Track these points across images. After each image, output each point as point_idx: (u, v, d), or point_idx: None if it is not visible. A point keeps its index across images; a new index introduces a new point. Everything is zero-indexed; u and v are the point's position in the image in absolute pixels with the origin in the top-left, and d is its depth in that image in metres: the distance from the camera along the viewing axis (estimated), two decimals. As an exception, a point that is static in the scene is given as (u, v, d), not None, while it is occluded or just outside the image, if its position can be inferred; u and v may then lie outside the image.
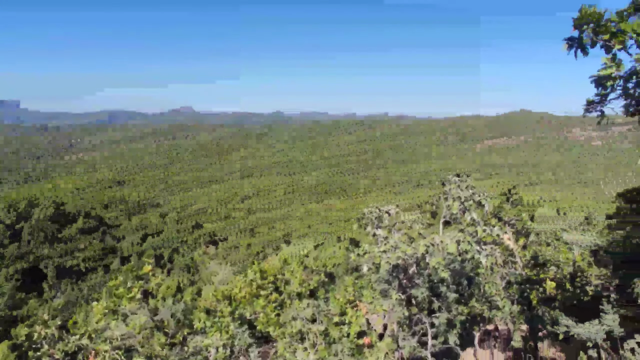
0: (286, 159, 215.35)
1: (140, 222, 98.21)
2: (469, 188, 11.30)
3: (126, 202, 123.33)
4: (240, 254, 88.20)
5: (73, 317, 18.54)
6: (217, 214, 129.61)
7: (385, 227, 11.18)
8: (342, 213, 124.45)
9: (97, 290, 65.00)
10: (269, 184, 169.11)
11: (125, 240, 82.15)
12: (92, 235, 76.49)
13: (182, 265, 78.09)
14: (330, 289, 13.47)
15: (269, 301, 8.54)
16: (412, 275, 11.54)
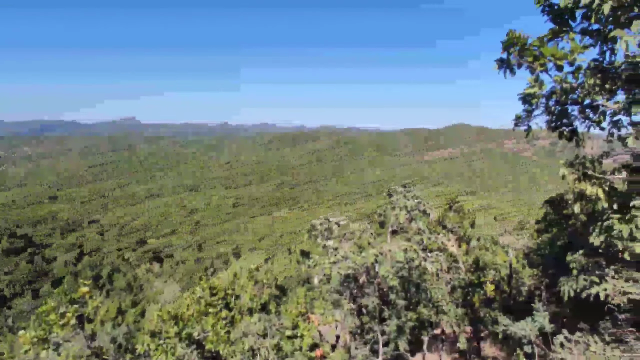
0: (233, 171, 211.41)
1: (76, 240, 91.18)
2: (414, 198, 11.79)
3: (58, 219, 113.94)
4: (187, 270, 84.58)
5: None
6: (161, 230, 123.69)
7: (335, 238, 11.31)
8: (291, 225, 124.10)
9: (24, 317, 59.04)
10: (216, 197, 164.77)
11: (57, 261, 75.59)
12: (18, 257, 69.54)
13: (124, 285, 73.34)
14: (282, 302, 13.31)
15: (219, 318, 8.26)
16: (362, 284, 11.73)
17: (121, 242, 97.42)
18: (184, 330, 7.88)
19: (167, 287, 78.63)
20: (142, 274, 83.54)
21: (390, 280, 9.79)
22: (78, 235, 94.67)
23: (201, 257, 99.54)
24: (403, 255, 9.53)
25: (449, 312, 13.07)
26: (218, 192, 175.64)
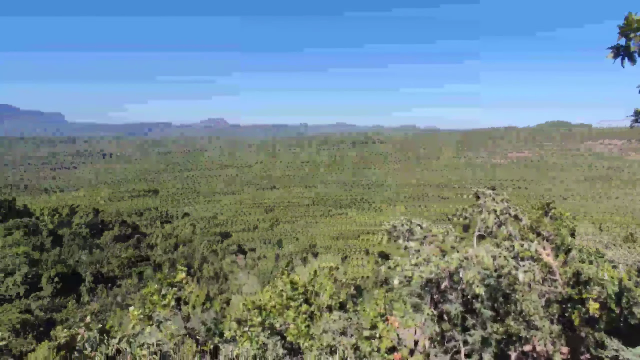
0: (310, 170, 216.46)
1: (172, 230, 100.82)
2: (504, 201, 10.93)
3: (158, 211, 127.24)
4: (267, 265, 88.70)
5: (108, 321, 18.92)
6: (244, 224, 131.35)
7: (417, 240, 10.95)
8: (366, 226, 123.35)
9: (130, 296, 66.93)
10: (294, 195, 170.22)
11: (157, 248, 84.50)
12: (127, 243, 79.14)
13: (212, 274, 79.31)
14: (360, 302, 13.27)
15: (299, 312, 8.51)
16: (444, 289, 11.19)
17: (210, 234, 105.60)
18: (267, 320, 8.25)
19: (249, 279, 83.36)
20: (227, 266, 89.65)
21: (475, 288, 9.20)
22: (174, 226, 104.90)
23: (279, 253, 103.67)
24: (491, 262, 8.88)
25: (542, 327, 11.89)
26: (297, 190, 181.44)
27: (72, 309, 58.20)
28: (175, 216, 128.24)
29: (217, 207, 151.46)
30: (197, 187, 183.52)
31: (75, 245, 71.49)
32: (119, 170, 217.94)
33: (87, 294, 63.63)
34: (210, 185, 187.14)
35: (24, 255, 61.38)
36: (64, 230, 75.04)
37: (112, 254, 73.73)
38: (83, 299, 62.66)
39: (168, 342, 6.98)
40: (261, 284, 77.48)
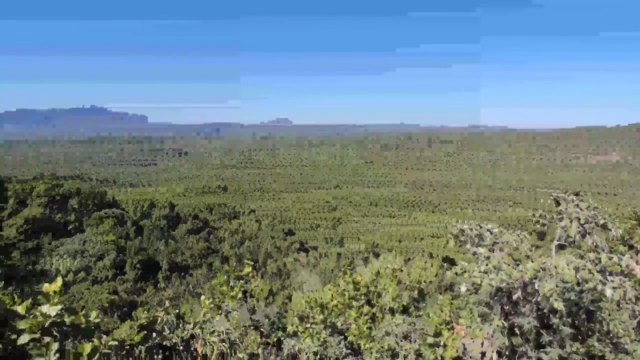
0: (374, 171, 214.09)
1: (238, 226, 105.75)
2: (590, 208, 9.91)
3: (227, 206, 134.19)
4: (329, 264, 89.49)
5: (181, 307, 20.37)
6: (307, 222, 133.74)
7: (487, 246, 10.33)
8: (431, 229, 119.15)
9: (200, 285, 71.51)
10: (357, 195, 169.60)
11: (225, 242, 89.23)
12: (198, 236, 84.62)
13: (275, 270, 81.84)
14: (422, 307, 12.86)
15: (361, 313, 8.46)
16: (516, 301, 10.44)
17: (274, 231, 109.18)
18: (329, 318, 8.33)
19: (310, 277, 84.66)
20: (289, 263, 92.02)
21: (554, 302, 8.45)
22: (241, 222, 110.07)
23: (341, 253, 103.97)
24: (573, 275, 8.11)
25: (633, 352, 10.61)
26: (359, 190, 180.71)
27: (150, 294, 63.59)
28: (242, 212, 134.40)
29: (282, 204, 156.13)
30: (264, 184, 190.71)
31: (154, 236, 77.98)
32: (193, 167, 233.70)
33: (163, 281, 69.05)
34: (276, 184, 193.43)
35: (112, 243, 68.29)
36: (145, 221, 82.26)
37: (186, 245, 79.25)
38: (160, 285, 68.13)
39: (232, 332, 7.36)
40: (322, 282, 78.34)
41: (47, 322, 3.20)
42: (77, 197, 78.96)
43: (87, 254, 65.27)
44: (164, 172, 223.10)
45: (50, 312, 3.22)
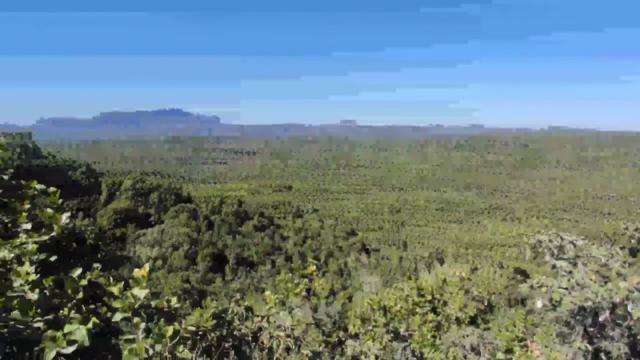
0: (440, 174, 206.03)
1: (302, 225, 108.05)
2: (699, 223, 8.65)
3: (291, 205, 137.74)
4: (390, 266, 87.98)
5: (248, 301, 20.92)
6: (370, 224, 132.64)
7: (569, 260, 9.46)
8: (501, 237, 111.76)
9: (264, 280, 74.28)
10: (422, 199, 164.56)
11: (289, 240, 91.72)
12: (264, 233, 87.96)
13: (336, 269, 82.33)
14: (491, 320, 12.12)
15: (425, 320, 8.21)
16: (603, 323, 9.43)
17: (336, 231, 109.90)
18: (392, 323, 8.19)
19: (371, 278, 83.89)
20: (351, 263, 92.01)
21: (649, 327, 7.53)
22: (304, 221, 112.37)
23: (404, 256, 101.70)
24: (675, 298, 7.15)
25: None
26: (426, 193, 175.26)
27: (219, 285, 67.40)
28: (306, 211, 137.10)
29: (345, 205, 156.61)
30: (328, 185, 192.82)
31: (223, 230, 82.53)
32: (261, 166, 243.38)
33: (231, 273, 72.78)
34: (340, 184, 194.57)
35: (186, 235, 73.49)
36: (215, 217, 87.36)
37: (252, 241, 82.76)
38: (227, 278, 71.90)
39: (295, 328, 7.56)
40: (383, 284, 77.26)
41: (137, 304, 3.55)
42: (157, 192, 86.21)
43: (165, 244, 70.99)
44: (233, 170, 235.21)
45: (140, 295, 3.57)
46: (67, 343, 3.37)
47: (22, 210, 4.02)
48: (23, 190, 4.16)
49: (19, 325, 3.65)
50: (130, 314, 3.54)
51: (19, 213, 3.99)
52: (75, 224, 4.14)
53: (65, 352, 3.40)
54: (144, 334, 3.56)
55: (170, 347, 3.38)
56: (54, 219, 3.94)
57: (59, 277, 3.96)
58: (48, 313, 3.67)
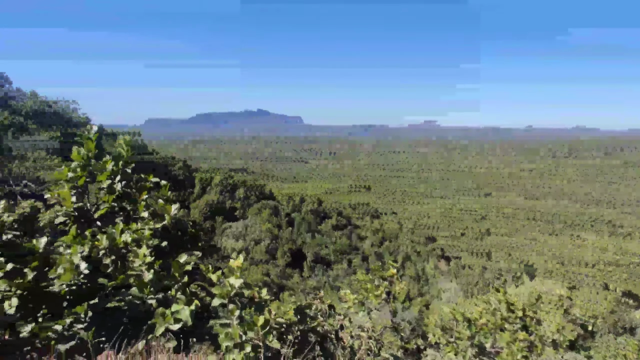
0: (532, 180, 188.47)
1: (380, 226, 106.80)
2: None
3: (369, 206, 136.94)
4: (472, 276, 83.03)
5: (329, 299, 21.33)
6: (450, 231, 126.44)
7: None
8: (608, 255, 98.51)
9: (340, 279, 74.97)
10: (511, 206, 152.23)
11: (366, 241, 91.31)
12: (341, 232, 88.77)
13: (413, 274, 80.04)
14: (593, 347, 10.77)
15: (516, 339, 7.58)
16: None
17: (414, 235, 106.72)
18: (476, 337, 7.71)
19: (450, 287, 79.98)
20: (429, 269, 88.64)
21: None
22: (382, 222, 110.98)
23: (487, 267, 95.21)
24: None
25: None
26: (513, 200, 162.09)
27: (296, 280, 69.65)
28: (384, 213, 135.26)
29: (426, 209, 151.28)
30: (408, 187, 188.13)
31: (303, 228, 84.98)
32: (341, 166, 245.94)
33: (308, 270, 74.69)
34: (421, 187, 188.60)
35: (267, 230, 77.14)
36: (296, 214, 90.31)
37: (330, 240, 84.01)
38: (304, 274, 73.94)
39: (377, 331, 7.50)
40: (464, 295, 73.13)
41: (232, 292, 3.84)
42: (243, 188, 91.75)
43: (248, 238, 75.35)
44: (314, 169, 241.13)
45: (235, 284, 3.85)
46: (174, 321, 3.75)
47: (141, 200, 4.60)
48: (141, 183, 4.75)
49: (136, 301, 4.15)
50: (227, 300, 3.84)
51: (138, 203, 4.57)
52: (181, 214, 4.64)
53: (172, 329, 3.79)
54: (238, 320, 3.83)
55: (262, 335, 3.59)
56: (166, 210, 4.44)
57: (168, 262, 4.44)
58: (159, 292, 4.13)
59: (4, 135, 60.52)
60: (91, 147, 4.63)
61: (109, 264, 3.94)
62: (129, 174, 4.69)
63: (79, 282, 3.80)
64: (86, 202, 4.55)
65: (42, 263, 4.12)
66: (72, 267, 3.72)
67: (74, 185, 4.51)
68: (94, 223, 4.55)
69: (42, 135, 65.97)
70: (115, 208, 4.58)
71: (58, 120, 77.93)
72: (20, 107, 78.42)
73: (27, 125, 69.70)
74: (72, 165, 4.58)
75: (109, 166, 4.56)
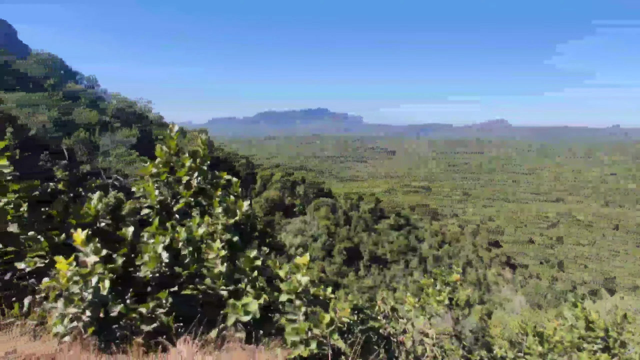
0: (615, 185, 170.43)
1: (439, 228, 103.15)
2: None
3: (429, 208, 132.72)
4: (540, 287, 77.30)
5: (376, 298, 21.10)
6: (517, 236, 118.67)
7: None
8: None
9: (396, 280, 73.66)
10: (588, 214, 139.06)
11: (424, 243, 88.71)
12: (399, 232, 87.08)
13: (474, 280, 76.36)
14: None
15: (596, 359, 6.95)
16: None
17: (477, 239, 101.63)
18: (549, 354, 7.18)
19: (516, 297, 75.11)
20: (492, 276, 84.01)
21: None
22: (442, 225, 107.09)
23: (558, 278, 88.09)
24: None
25: None
26: (593, 206, 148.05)
27: (352, 279, 69.63)
28: (444, 215, 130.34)
29: (490, 212, 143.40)
30: (471, 189, 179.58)
31: (360, 226, 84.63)
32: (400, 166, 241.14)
33: (364, 269, 74.30)
34: (485, 189, 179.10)
35: (325, 227, 77.90)
36: (353, 213, 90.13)
37: (387, 239, 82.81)
38: (360, 273, 73.66)
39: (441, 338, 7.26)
40: (531, 306, 68.34)
41: (300, 289, 3.94)
42: (303, 185, 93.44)
43: (306, 234, 76.69)
44: (373, 168, 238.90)
45: (302, 281, 3.95)
46: (244, 313, 3.93)
47: (216, 196, 4.89)
48: (216, 180, 5.05)
49: (209, 291, 4.41)
50: (294, 296, 3.95)
51: (213, 198, 4.87)
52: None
53: (242, 320, 3.98)
54: (304, 316, 3.92)
55: (328, 333, 3.65)
56: (238, 206, 4.68)
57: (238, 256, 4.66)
58: (230, 284, 4.36)
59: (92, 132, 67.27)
60: (172, 145, 5.02)
61: (186, 255, 4.24)
62: (205, 170, 5.01)
63: (161, 269, 4.13)
64: (167, 196, 4.94)
65: (129, 250, 4.53)
66: (156, 255, 4.05)
67: (157, 180, 4.92)
68: (173, 216, 4.91)
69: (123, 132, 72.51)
70: (191, 202, 4.92)
71: (136, 118, 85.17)
72: (106, 107, 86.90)
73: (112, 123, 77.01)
74: (156, 161, 4.99)
75: (188, 163, 4.91)
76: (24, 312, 3.98)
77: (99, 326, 3.73)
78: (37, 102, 59.67)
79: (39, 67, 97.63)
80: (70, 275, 3.57)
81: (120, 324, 3.99)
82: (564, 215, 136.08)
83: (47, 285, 3.70)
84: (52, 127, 53.87)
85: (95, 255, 3.89)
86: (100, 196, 4.84)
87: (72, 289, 3.69)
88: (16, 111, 53.12)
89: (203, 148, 5.13)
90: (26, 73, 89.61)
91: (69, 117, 64.17)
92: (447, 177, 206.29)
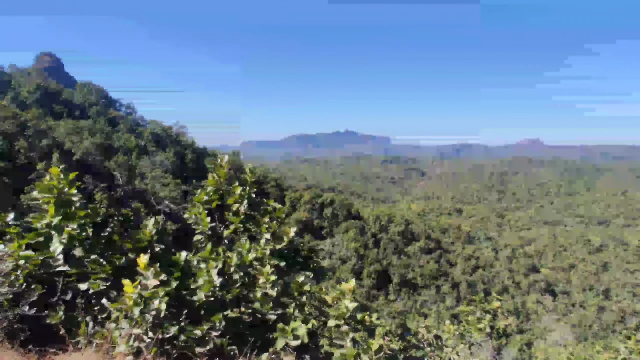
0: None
1: (472, 252, 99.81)
2: None
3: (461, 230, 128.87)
4: (586, 316, 72.74)
5: (406, 323, 21.04)
6: (557, 262, 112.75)
7: None
8: None
9: (428, 305, 71.30)
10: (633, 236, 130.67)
11: (456, 267, 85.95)
12: (430, 256, 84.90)
13: (511, 308, 72.87)
14: None
15: (654, 396, 6.53)
16: None
17: (513, 264, 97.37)
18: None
19: (558, 327, 70.93)
20: (531, 304, 79.92)
21: None
22: (475, 248, 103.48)
23: (605, 306, 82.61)
24: None
25: None
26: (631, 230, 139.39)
27: (382, 302, 68.07)
28: (478, 239, 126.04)
29: (528, 236, 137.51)
30: (505, 211, 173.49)
31: (389, 249, 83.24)
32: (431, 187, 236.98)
33: (394, 293, 72.59)
34: (521, 212, 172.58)
35: (354, 250, 77.12)
36: (382, 235, 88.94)
37: (417, 263, 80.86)
38: (390, 297, 71.96)
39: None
40: (576, 338, 64.27)
41: (347, 314, 4.04)
42: (331, 207, 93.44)
43: (335, 257, 76.11)
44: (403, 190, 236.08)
45: (350, 307, 4.06)
46: (293, 337, 4.07)
47: (263, 222, 5.12)
48: (264, 207, 5.30)
49: (257, 314, 4.58)
50: (342, 322, 4.05)
51: (260, 225, 5.10)
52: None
53: (291, 344, 4.11)
54: (352, 342, 4.01)
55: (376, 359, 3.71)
56: (285, 232, 4.88)
57: (285, 280, 4.83)
58: (278, 308, 4.51)
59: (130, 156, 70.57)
60: (222, 174, 5.33)
61: (237, 279, 4.44)
62: (253, 198, 5.27)
63: (214, 293, 4.34)
64: (217, 223, 5.22)
65: (183, 274, 4.80)
66: (210, 280, 4.28)
67: (209, 207, 5.22)
68: (222, 241, 5.17)
69: (160, 156, 75.62)
70: (240, 229, 5.17)
71: (171, 142, 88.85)
72: (142, 132, 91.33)
73: (148, 147, 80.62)
74: (208, 189, 5.31)
75: (238, 191, 5.20)
76: (91, 332, 4.27)
77: (159, 346, 3.96)
78: (83, 129, 63.58)
79: (84, 96, 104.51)
80: (136, 297, 3.84)
81: (174, 344, 4.21)
82: (610, 239, 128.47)
83: (115, 307, 3.98)
84: (94, 151, 57.09)
85: (155, 278, 4.16)
86: (157, 222, 5.17)
87: (135, 311, 3.95)
88: (63, 137, 56.83)
89: (250, 176, 5.41)
90: (72, 101, 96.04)
91: (109, 142, 67.85)
92: (480, 198, 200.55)
